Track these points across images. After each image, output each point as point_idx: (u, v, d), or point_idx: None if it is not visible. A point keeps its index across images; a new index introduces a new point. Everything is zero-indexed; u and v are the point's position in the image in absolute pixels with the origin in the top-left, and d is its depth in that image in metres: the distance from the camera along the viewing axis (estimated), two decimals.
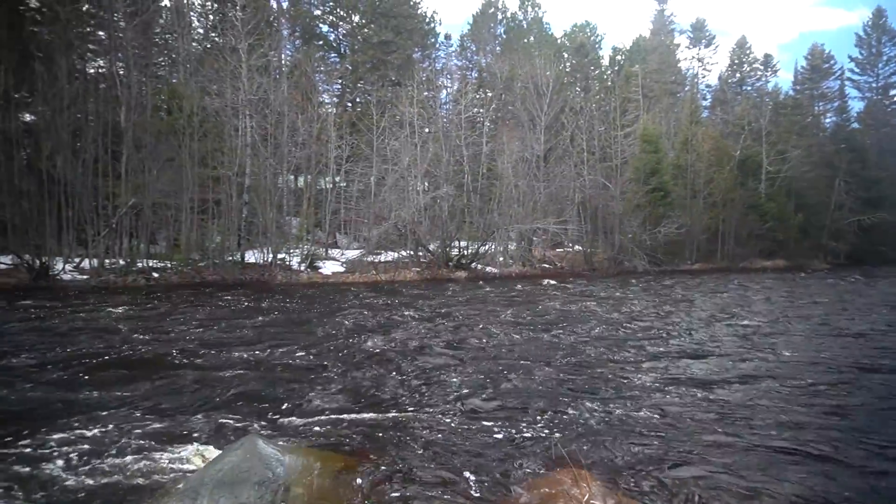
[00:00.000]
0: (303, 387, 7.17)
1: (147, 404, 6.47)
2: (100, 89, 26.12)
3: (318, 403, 6.51)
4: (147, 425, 5.75)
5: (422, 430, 5.60)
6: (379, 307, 15.23)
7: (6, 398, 6.63)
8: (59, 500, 4.17)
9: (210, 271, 22.30)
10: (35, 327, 11.29)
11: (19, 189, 21.97)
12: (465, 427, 5.72)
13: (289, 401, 6.62)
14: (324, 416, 6.06)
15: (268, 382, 7.36)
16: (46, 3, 25.41)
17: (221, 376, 7.64)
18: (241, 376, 7.65)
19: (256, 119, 25.41)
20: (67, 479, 4.50)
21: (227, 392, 6.97)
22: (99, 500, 4.14)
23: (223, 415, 6.13)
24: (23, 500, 4.17)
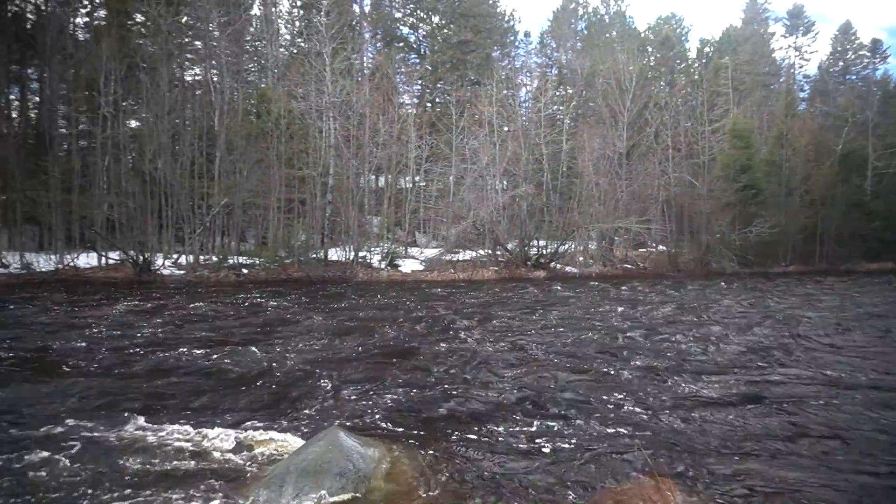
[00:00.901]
0: (386, 382, 7.25)
1: (238, 393, 6.76)
2: (196, 95, 27.77)
3: (399, 399, 6.57)
4: (236, 413, 6.01)
5: (502, 431, 5.52)
6: (460, 305, 15.25)
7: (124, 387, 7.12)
8: (154, 481, 4.40)
9: (295, 268, 23.12)
10: (145, 316, 12.11)
11: (126, 190, 23.72)
12: (546, 428, 5.59)
13: (371, 394, 6.72)
14: (404, 412, 6.10)
15: (350, 376, 7.50)
16: (150, 17, 27.23)
17: (304, 368, 7.88)
18: (325, 369, 7.85)
19: (340, 121, 26.13)
20: (160, 461, 4.76)
21: (311, 383, 7.17)
22: (194, 482, 4.34)
23: (308, 405, 6.31)
24: (121, 476, 4.44)
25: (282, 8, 36.29)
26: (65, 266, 21.70)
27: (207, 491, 4.18)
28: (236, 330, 10.85)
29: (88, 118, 25.52)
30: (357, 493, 4.03)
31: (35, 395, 6.59)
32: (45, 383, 7.07)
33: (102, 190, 23.67)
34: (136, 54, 25.16)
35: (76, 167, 23.76)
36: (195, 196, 23.89)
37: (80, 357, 8.40)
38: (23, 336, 9.91)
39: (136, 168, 24.36)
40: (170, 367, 7.93)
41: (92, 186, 23.82)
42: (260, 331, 10.79)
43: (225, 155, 24.49)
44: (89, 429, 5.44)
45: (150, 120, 24.28)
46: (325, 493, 3.99)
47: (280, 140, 25.04)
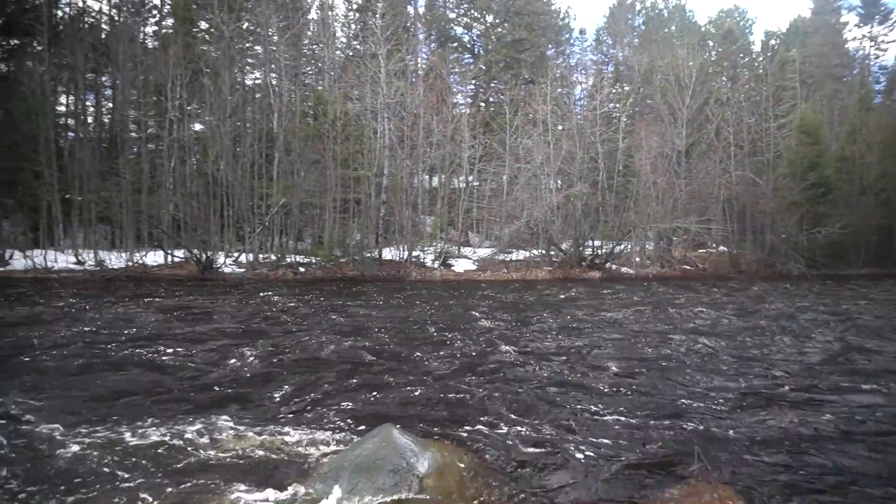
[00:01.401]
0: (439, 381, 7.27)
1: (294, 388, 6.92)
2: (256, 99, 28.66)
3: (452, 398, 6.57)
4: (293, 408, 6.14)
5: (558, 434, 5.44)
6: (514, 305, 15.16)
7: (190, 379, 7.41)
8: (213, 471, 4.54)
9: (350, 267, 23.51)
10: (214, 312, 12.58)
11: (190, 191, 24.71)
12: (601, 430, 5.48)
13: (424, 393, 6.75)
14: (457, 411, 6.10)
15: (404, 373, 7.56)
16: (213, 24, 28.28)
17: (358, 364, 7.99)
18: (379, 365, 7.95)
19: (394, 121, 26.43)
20: (219, 452, 4.91)
21: (365, 379, 7.27)
22: (252, 474, 4.46)
23: (360, 401, 6.39)
24: (183, 466, 4.60)
25: (338, 11, 37.07)
26: (134, 263, 22.76)
27: (264, 483, 4.28)
28: (293, 326, 11.11)
29: (156, 122, 26.74)
30: (410, 492, 4.03)
31: (112, 386, 6.92)
32: (121, 375, 7.42)
33: (169, 190, 24.73)
34: (200, 60, 26.19)
35: (145, 169, 24.94)
36: (255, 196, 24.65)
37: (152, 350, 8.78)
38: (98, 329, 10.45)
39: (199, 169, 25.34)
40: (231, 362, 8.19)
41: (159, 187, 24.94)
42: (316, 327, 11.02)
43: (283, 156, 25.16)
44: (161, 418, 5.68)
45: (212, 123, 25.22)
46: (379, 490, 4.00)
47: (336, 141, 25.53)
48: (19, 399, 6.21)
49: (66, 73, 28.75)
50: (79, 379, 7.18)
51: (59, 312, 12.43)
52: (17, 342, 9.18)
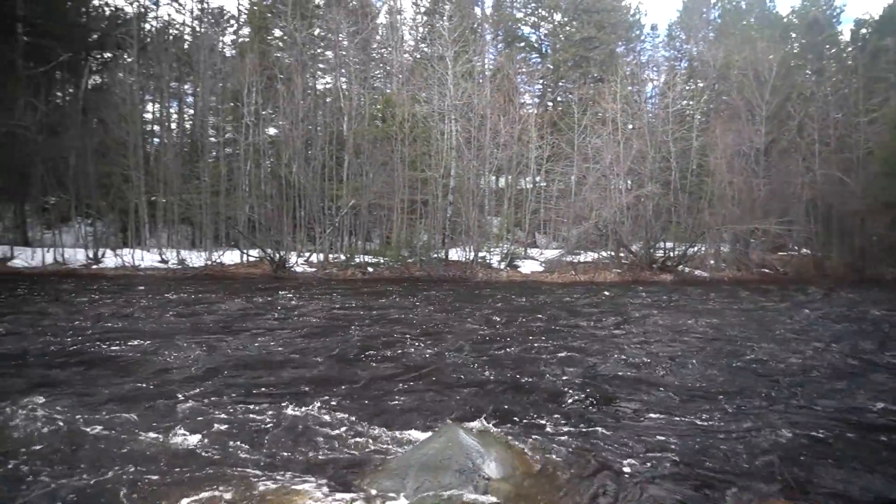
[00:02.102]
0: (507, 381, 7.19)
1: (361, 385, 7.01)
2: (326, 103, 29.41)
3: (520, 399, 6.47)
4: (360, 404, 6.21)
5: (628, 440, 5.25)
6: (583, 307, 14.84)
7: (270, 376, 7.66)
8: (281, 464, 4.63)
9: (417, 267, 23.72)
10: (289, 310, 13.00)
11: (264, 193, 25.64)
12: (679, 439, 5.24)
13: (492, 393, 6.68)
14: (525, 413, 5.99)
15: (472, 373, 7.52)
16: (287, 31, 29.26)
17: (425, 363, 8.00)
18: (446, 364, 7.94)
19: (461, 122, 26.49)
20: (287, 445, 5.01)
21: (432, 378, 7.27)
22: (321, 468, 4.53)
23: (428, 400, 6.39)
24: (252, 456, 4.72)
25: (406, 15, 37.58)
26: (212, 262, 23.80)
27: (332, 477, 4.34)
28: (364, 324, 11.29)
29: (233, 127, 27.92)
30: (476, 492, 3.99)
31: (192, 380, 7.23)
32: (196, 367, 7.74)
33: (245, 193, 25.75)
34: (275, 66, 27.16)
35: (223, 172, 26.06)
36: (325, 198, 25.30)
37: (228, 343, 9.13)
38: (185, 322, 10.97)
39: (273, 172, 26.27)
40: (303, 358, 8.40)
41: (236, 189, 26.01)
42: (387, 326, 11.16)
43: (353, 158, 25.69)
44: (228, 409, 5.87)
45: (286, 127, 26.08)
46: (445, 489, 3.99)
47: (404, 143, 25.85)
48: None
49: (153, 83, 30.51)
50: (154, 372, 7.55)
51: (169, 305, 13.16)
52: (132, 329, 9.76)
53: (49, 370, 7.46)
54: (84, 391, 6.56)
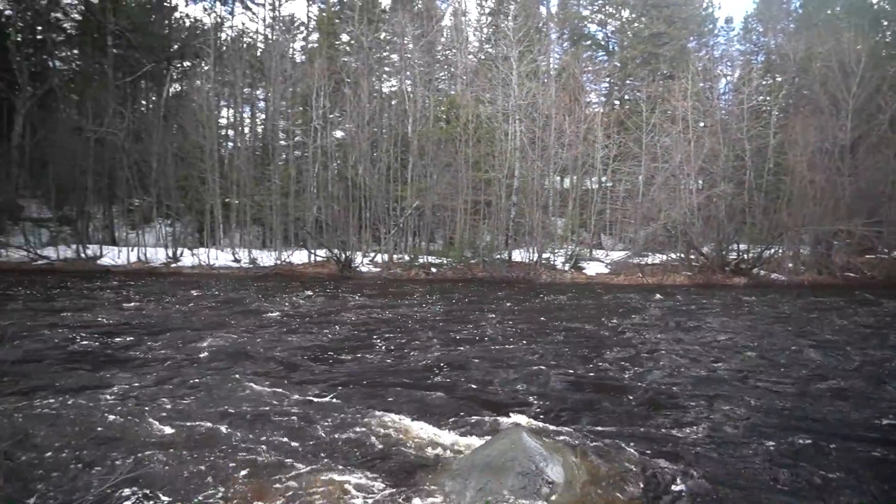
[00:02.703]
0: (571, 386, 7.06)
1: (427, 386, 7.04)
2: (392, 105, 29.85)
3: (585, 405, 6.34)
4: (425, 405, 6.23)
5: (701, 451, 5.04)
6: (651, 311, 14.39)
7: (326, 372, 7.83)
8: (352, 462, 4.70)
9: (480, 268, 23.68)
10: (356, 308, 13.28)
11: (331, 194, 26.28)
12: (754, 453, 4.98)
13: (556, 397, 6.57)
14: (589, 418, 5.86)
15: (536, 377, 7.42)
16: (354, 36, 29.88)
17: (489, 365, 7.96)
18: (510, 366, 7.87)
19: (525, 123, 26.26)
20: (355, 442, 5.09)
21: (496, 381, 7.22)
22: (386, 466, 4.58)
23: (491, 401, 6.35)
24: (323, 452, 4.81)
25: (470, 17, 37.62)
26: (282, 262, 24.59)
27: (396, 473, 4.37)
28: (426, 323, 11.35)
29: (302, 130, 28.75)
30: (539, 496, 3.95)
31: (278, 375, 7.47)
32: (284, 368, 8.00)
33: (312, 194, 26.46)
34: (342, 71, 27.78)
35: (292, 174, 26.89)
36: (390, 199, 25.67)
37: (302, 337, 9.38)
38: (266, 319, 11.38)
39: (340, 174, 26.88)
40: (365, 353, 8.54)
41: (304, 191, 26.78)
42: (452, 326, 11.18)
43: (417, 160, 25.95)
44: (293, 402, 6.03)
45: (352, 130, 26.63)
46: (508, 492, 3.97)
47: (468, 144, 25.88)
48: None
49: (227, 89, 31.85)
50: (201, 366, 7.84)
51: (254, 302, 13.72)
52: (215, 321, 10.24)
53: (132, 359, 7.92)
54: (186, 380, 6.91)
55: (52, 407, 5.85)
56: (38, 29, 33.69)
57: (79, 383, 6.77)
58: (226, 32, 37.58)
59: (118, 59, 33.66)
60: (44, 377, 7.00)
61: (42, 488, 4.01)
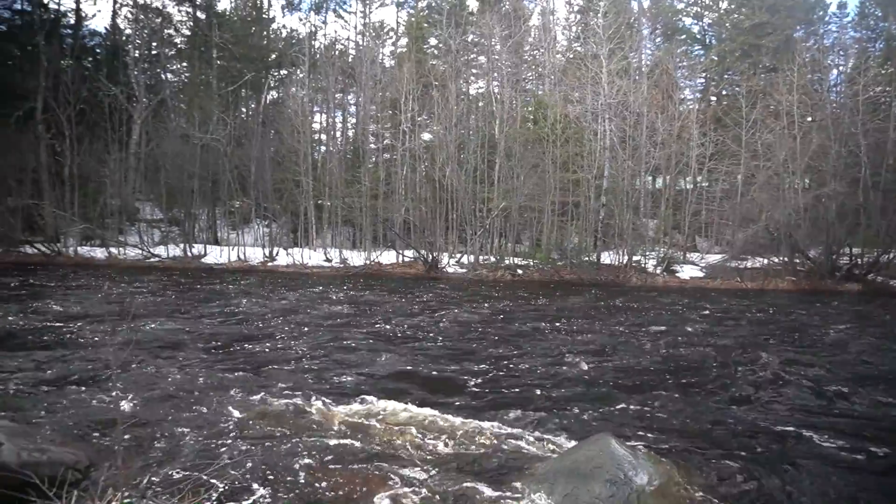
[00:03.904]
0: (665, 395, 6.79)
1: (517, 387, 6.99)
2: (479, 107, 29.95)
3: (679, 415, 6.07)
4: (513, 408, 6.17)
5: (808, 480, 4.68)
6: (754, 320, 13.60)
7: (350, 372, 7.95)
8: (435, 462, 4.73)
9: (567, 270, 23.28)
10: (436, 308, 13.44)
11: (419, 196, 26.70)
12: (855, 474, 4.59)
13: (649, 406, 6.34)
14: (683, 430, 5.60)
15: (629, 384, 7.20)
16: (442, 39, 30.24)
17: (581, 371, 7.79)
18: (601, 373, 7.69)
19: (615, 122, 25.56)
20: (442, 445, 5.11)
21: (587, 387, 7.06)
22: (473, 469, 4.58)
23: (583, 408, 6.20)
24: (407, 453, 4.87)
25: (559, 15, 37.08)
26: (371, 262, 25.23)
27: (481, 476, 4.38)
28: (513, 325, 11.29)
29: (391, 133, 29.42)
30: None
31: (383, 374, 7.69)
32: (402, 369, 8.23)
33: (401, 196, 27.00)
34: (430, 74, 28.16)
35: (381, 176, 27.56)
36: (477, 200, 25.74)
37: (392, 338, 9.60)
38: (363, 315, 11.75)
39: (427, 176, 27.25)
40: (453, 353, 8.59)
41: (393, 193, 27.37)
42: (536, 327, 11.07)
43: (504, 161, 25.88)
44: (380, 402, 6.15)
45: (440, 132, 26.93)
46: (595, 499, 3.89)
47: (555, 144, 25.54)
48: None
49: (320, 95, 33.11)
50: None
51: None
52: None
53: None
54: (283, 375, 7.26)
55: (173, 388, 6.30)
56: (153, 45, 36.41)
57: (208, 370, 7.23)
58: (319, 41, 39.11)
59: (221, 69, 35.85)
60: (172, 360, 7.54)
61: (155, 468, 4.29)
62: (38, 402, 5.93)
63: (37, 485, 3.31)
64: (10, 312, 11.17)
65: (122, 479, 3.63)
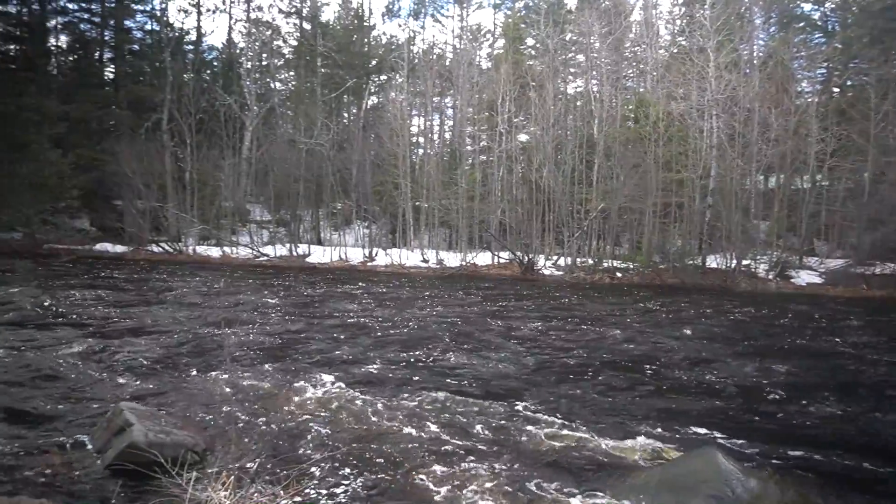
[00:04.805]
0: (785, 410, 6.38)
1: (618, 392, 6.82)
2: (577, 107, 29.40)
3: (799, 434, 5.68)
4: (614, 413, 6.05)
5: None
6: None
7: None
8: (529, 466, 4.70)
9: (670, 274, 22.36)
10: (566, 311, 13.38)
11: (515, 197, 26.61)
12: None
13: (768, 421, 5.99)
14: (804, 448, 5.23)
15: (747, 396, 6.84)
16: (539, 39, 29.98)
17: (697, 379, 7.48)
18: (718, 383, 7.34)
19: (723, 118, 24.20)
20: (542, 450, 5.06)
21: (697, 397, 6.77)
22: (566, 474, 4.53)
23: (687, 418, 5.96)
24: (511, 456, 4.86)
25: (662, 9, 35.65)
26: (466, 263, 25.44)
27: (577, 483, 4.33)
28: (618, 329, 11.00)
29: (488, 135, 29.53)
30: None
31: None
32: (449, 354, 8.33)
33: (497, 197, 27.04)
34: (527, 74, 27.98)
35: (477, 178, 27.72)
36: (574, 201, 25.29)
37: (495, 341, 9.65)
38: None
39: (524, 177, 27.11)
40: (553, 356, 8.50)
41: (489, 194, 27.46)
42: (642, 332, 10.73)
43: (603, 161, 25.27)
44: (478, 406, 6.18)
45: (537, 133, 26.70)
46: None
47: (657, 143, 24.59)
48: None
49: (419, 99, 33.81)
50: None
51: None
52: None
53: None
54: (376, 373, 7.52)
55: (281, 380, 6.69)
56: (263, 56, 38.67)
57: (315, 366, 7.63)
58: (417, 46, 39.97)
59: (325, 77, 37.50)
60: (280, 354, 8.01)
61: (263, 456, 4.58)
62: (161, 387, 6.50)
63: (162, 464, 3.66)
64: (143, 303, 12.31)
65: (233, 463, 3.93)
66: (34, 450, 4.58)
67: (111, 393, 6.21)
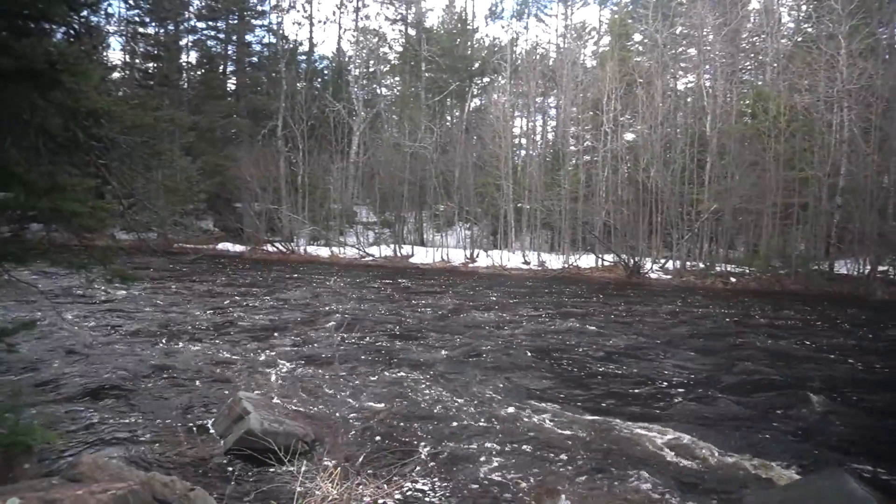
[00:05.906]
0: None
1: (738, 409, 6.46)
2: (687, 103, 28.04)
3: None
4: (729, 431, 5.73)
5: None
6: None
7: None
8: (644, 479, 4.53)
9: (791, 280, 20.77)
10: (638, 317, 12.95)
11: (621, 198, 25.79)
12: None
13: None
14: None
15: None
16: (647, 34, 28.85)
17: (829, 401, 6.91)
18: (855, 406, 6.76)
19: (856, 110, 22.10)
20: (648, 459, 4.87)
21: (828, 422, 6.24)
22: (679, 487, 4.35)
23: (814, 441, 5.52)
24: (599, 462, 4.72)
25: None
26: (568, 265, 25.00)
27: (691, 497, 4.15)
28: (736, 341, 10.42)
29: (592, 135, 28.85)
30: None
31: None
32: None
33: (601, 198, 26.34)
34: (634, 71, 27.02)
35: (581, 179, 27.16)
36: (684, 202, 24.13)
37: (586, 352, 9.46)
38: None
39: (630, 177, 26.19)
40: (673, 365, 8.19)
41: (593, 195, 26.82)
42: (761, 344, 10.09)
43: (716, 160, 23.95)
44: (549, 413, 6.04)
45: (644, 131, 25.71)
46: None
47: (778, 139, 22.86)
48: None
49: (521, 100, 33.65)
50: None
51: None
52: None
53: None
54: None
55: (387, 377, 6.90)
56: (370, 63, 40.09)
57: (420, 365, 7.83)
58: (520, 46, 39.79)
59: (429, 81, 38.28)
60: (388, 353, 8.29)
61: (368, 450, 4.75)
62: (275, 378, 6.91)
63: (275, 451, 3.89)
64: (264, 298, 13.15)
65: (339, 454, 4.10)
66: (166, 432, 5.02)
67: (233, 383, 6.68)
